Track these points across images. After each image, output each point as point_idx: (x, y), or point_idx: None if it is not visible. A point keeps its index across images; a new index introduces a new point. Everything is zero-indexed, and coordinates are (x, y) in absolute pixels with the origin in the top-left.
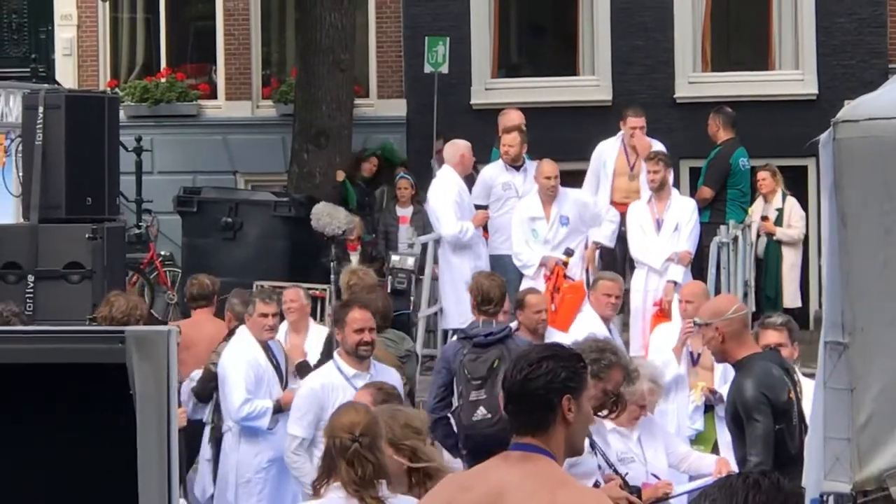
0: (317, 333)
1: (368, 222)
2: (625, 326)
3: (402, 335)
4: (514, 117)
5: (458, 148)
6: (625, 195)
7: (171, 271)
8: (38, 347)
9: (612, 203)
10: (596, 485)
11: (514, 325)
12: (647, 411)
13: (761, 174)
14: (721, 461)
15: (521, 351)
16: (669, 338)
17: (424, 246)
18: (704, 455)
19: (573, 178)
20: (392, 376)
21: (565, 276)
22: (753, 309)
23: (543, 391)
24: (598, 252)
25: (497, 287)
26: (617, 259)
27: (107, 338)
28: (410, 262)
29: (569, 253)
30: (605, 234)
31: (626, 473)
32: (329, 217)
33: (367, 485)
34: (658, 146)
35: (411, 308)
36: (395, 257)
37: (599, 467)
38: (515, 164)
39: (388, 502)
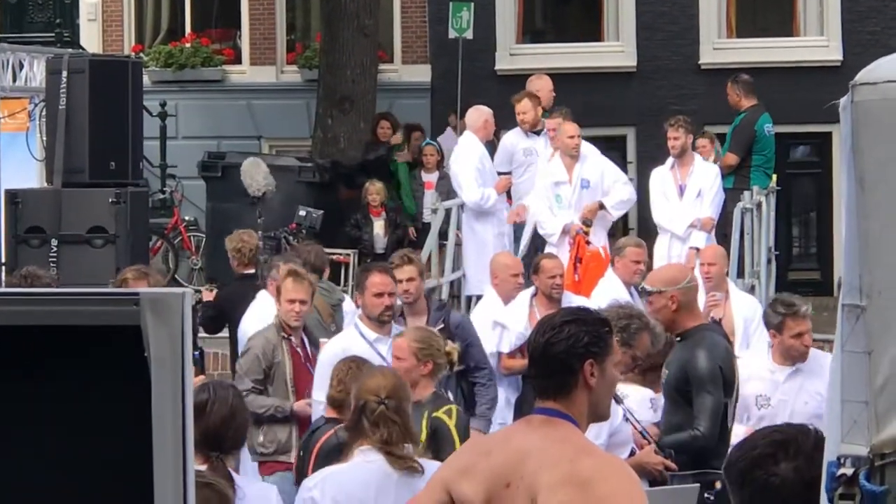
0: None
1: (391, 188)
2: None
3: (332, 285)
4: (536, 84)
5: (480, 114)
6: None
7: (196, 236)
8: (51, 310)
9: None
10: (632, 453)
11: (531, 290)
12: None
13: (700, 141)
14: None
15: (546, 315)
16: None
17: (448, 211)
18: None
19: (596, 144)
20: None
21: (587, 244)
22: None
23: (564, 355)
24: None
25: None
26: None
27: (121, 300)
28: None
29: (587, 223)
30: (612, 201)
31: (658, 438)
32: (250, 178)
33: (393, 445)
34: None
35: None
36: None
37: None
38: (534, 130)
39: (412, 461)
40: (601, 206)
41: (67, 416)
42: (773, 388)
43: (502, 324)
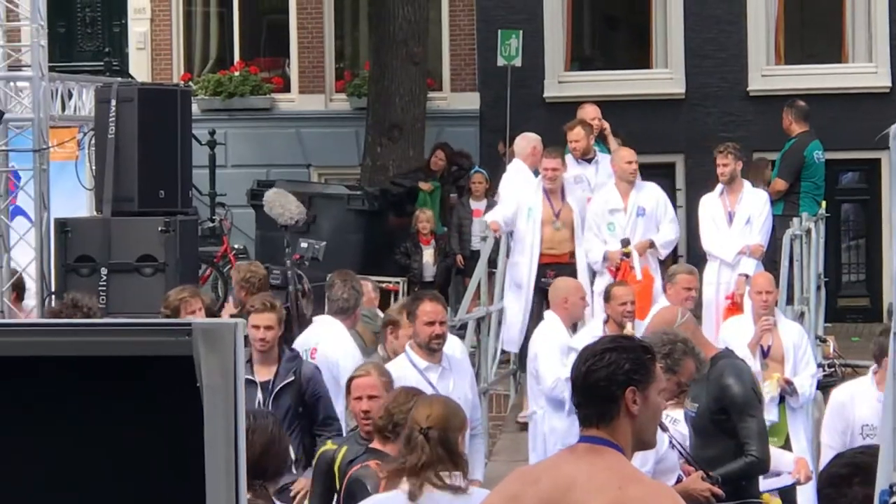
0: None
1: (441, 216)
2: (697, 319)
3: (376, 312)
4: (588, 112)
5: (528, 141)
6: (549, 246)
7: None
8: (104, 340)
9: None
10: (678, 480)
11: (602, 317)
12: None
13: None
14: (800, 461)
15: (589, 343)
16: (741, 331)
17: (497, 239)
18: (782, 452)
19: (645, 172)
20: (464, 367)
21: (630, 268)
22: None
23: (605, 382)
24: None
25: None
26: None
27: (174, 330)
28: None
29: (625, 243)
30: (662, 240)
31: None
32: (281, 207)
33: (437, 474)
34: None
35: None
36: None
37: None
38: (586, 158)
39: (462, 491)
40: (651, 245)
41: (119, 447)
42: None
43: (576, 349)
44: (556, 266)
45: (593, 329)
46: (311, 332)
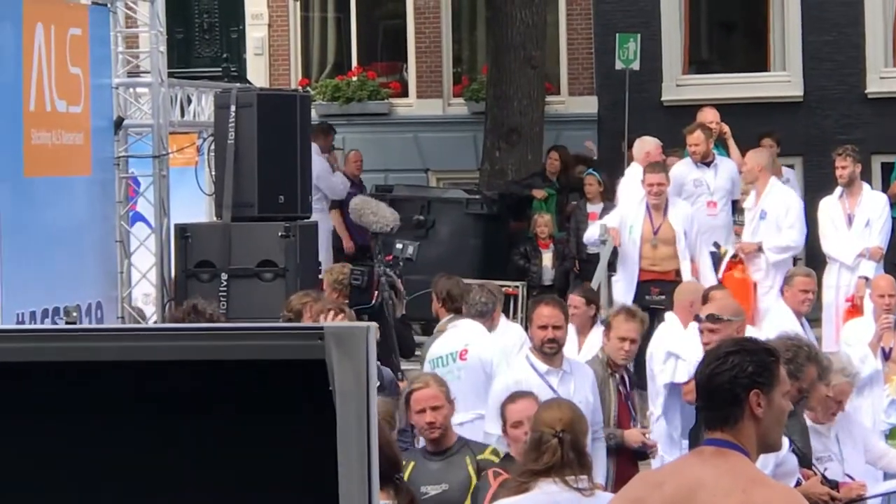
0: (506, 330)
1: (559, 220)
2: (817, 322)
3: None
4: (708, 115)
5: (645, 145)
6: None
7: None
8: (238, 344)
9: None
10: (797, 483)
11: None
12: (843, 407)
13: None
14: None
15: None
16: (861, 333)
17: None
18: None
19: None
20: (585, 370)
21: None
22: None
23: (729, 385)
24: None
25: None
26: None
27: (306, 334)
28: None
29: (717, 245)
30: (771, 244)
31: (825, 469)
32: (373, 215)
33: (569, 477)
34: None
35: (372, 301)
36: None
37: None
38: (705, 161)
39: (589, 493)
40: (759, 248)
41: (251, 451)
42: None
43: (676, 354)
44: (660, 283)
45: (693, 332)
46: (454, 335)
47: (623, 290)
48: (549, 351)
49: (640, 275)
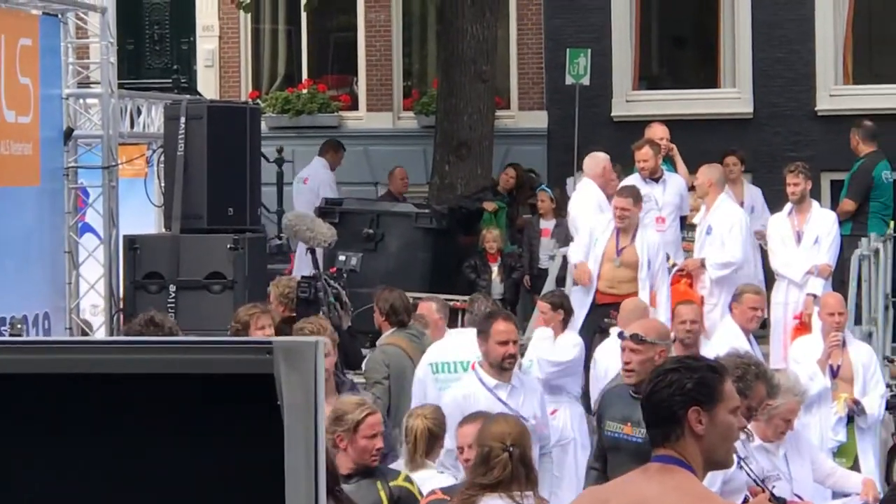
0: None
1: (510, 235)
2: (764, 339)
3: (422, 330)
4: (657, 131)
5: (597, 160)
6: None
7: None
8: (185, 357)
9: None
10: (745, 500)
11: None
12: (792, 425)
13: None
14: (867, 482)
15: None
16: (810, 350)
17: (566, 258)
18: (850, 473)
19: None
20: (534, 385)
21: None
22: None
23: (667, 402)
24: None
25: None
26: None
27: (255, 348)
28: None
29: (667, 256)
30: (713, 260)
31: (773, 487)
32: (309, 231)
33: (517, 493)
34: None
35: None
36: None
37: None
38: (653, 177)
39: None
40: (702, 264)
41: (198, 464)
42: None
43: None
44: (618, 307)
45: None
46: (462, 343)
47: (576, 302)
48: (509, 366)
49: (597, 296)
